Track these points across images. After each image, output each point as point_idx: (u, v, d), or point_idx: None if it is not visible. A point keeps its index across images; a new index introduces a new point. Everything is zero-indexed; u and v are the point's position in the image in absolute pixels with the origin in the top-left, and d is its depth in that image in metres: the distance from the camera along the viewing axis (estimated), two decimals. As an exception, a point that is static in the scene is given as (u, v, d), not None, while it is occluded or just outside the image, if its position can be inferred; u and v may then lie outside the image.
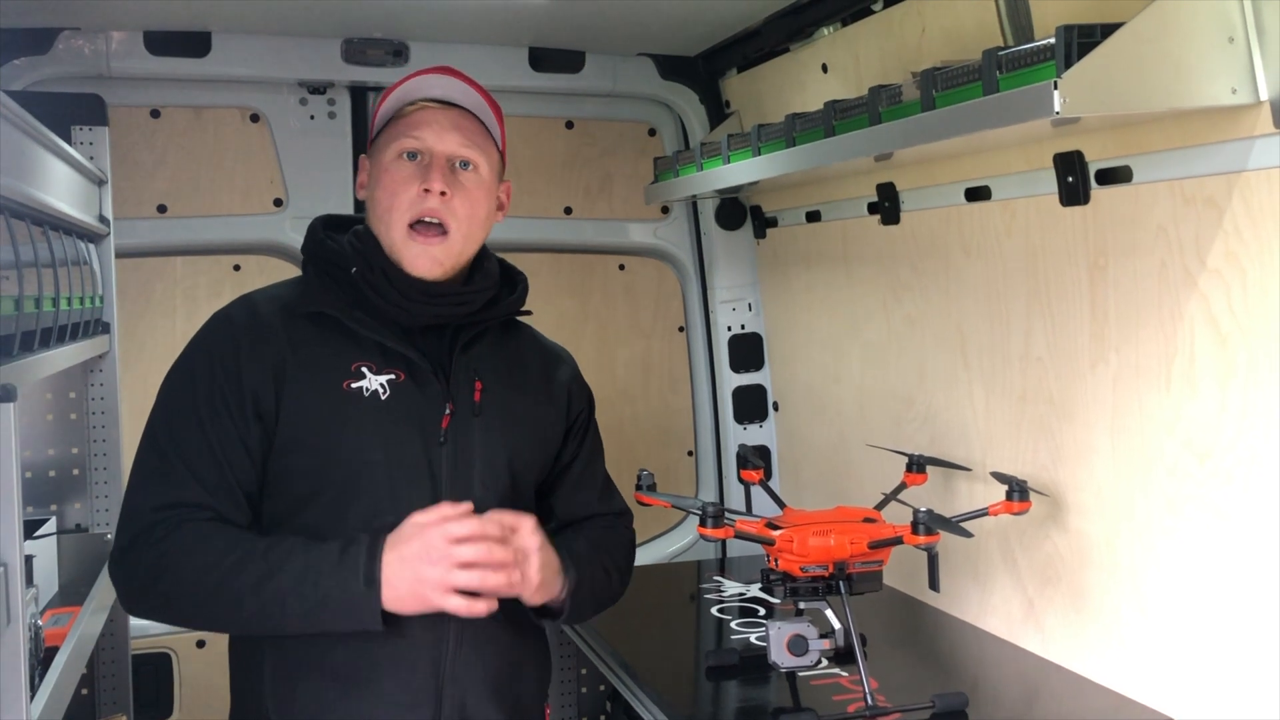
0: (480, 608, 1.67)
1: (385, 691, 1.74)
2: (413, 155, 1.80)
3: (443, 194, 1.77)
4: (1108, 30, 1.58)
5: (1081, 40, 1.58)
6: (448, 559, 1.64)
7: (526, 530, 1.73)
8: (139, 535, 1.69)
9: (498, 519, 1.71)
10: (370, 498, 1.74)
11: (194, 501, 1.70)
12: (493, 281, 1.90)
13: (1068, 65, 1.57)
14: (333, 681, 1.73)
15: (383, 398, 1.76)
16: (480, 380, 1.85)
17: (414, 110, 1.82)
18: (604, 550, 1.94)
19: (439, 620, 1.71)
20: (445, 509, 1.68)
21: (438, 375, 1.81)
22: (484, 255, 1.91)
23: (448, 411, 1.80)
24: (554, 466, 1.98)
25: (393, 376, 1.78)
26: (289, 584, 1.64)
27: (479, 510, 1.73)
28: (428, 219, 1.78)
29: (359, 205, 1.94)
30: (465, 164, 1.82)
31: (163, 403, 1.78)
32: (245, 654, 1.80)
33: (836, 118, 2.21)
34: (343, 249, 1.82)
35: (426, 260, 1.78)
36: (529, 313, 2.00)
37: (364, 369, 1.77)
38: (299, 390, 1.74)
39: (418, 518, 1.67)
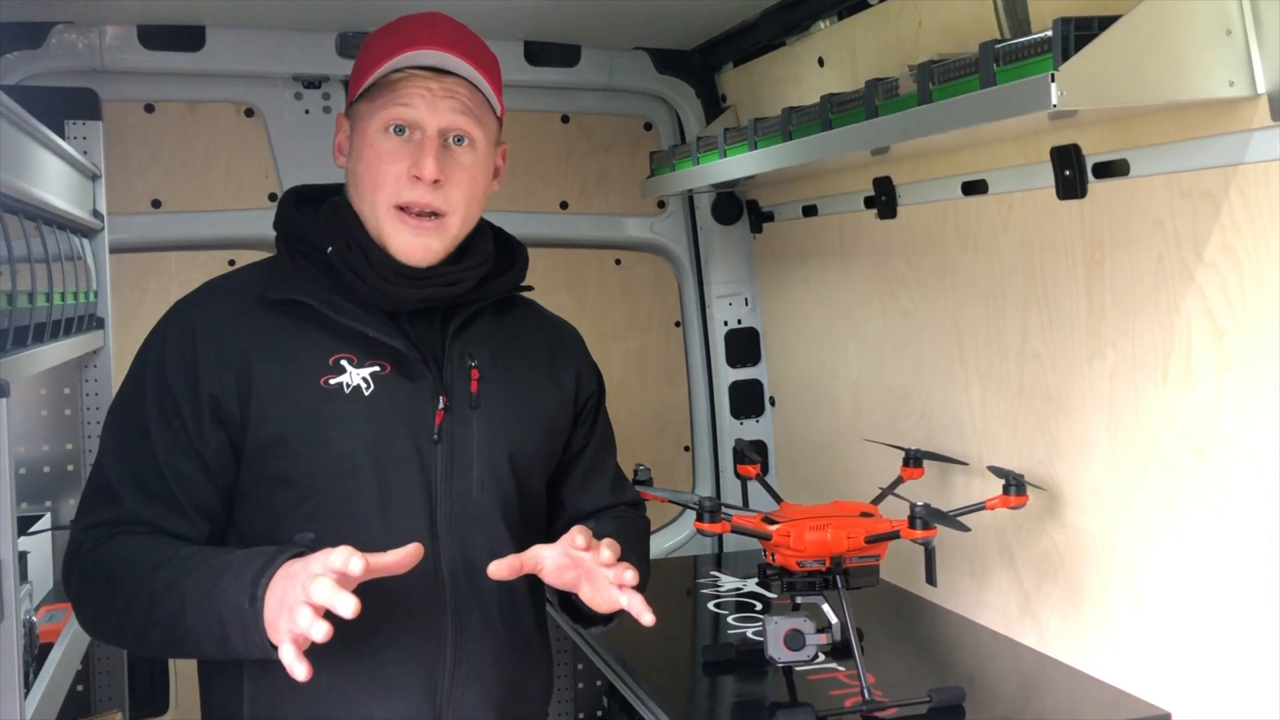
0: (300, 668, 1.31)
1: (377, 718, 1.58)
2: (400, 129, 1.62)
3: (435, 181, 1.60)
4: (1105, 23, 1.57)
5: (1078, 33, 1.57)
6: (306, 589, 1.33)
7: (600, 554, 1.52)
8: (72, 554, 1.58)
9: (581, 532, 1.51)
10: (358, 506, 1.58)
11: (128, 517, 1.55)
12: (486, 258, 1.73)
13: (1065, 58, 1.57)
14: (319, 708, 1.57)
15: (365, 393, 1.59)
16: (477, 368, 1.68)
17: (402, 76, 1.62)
18: (633, 546, 1.75)
19: (435, 640, 1.60)
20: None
21: (428, 365, 1.64)
22: (478, 229, 1.74)
23: (441, 406, 1.64)
24: (563, 456, 1.83)
25: (376, 369, 1.61)
26: (190, 598, 1.44)
27: (481, 514, 1.62)
28: (418, 210, 1.61)
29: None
30: (460, 139, 1.64)
31: (112, 407, 1.65)
32: (221, 681, 1.62)
33: (833, 111, 2.20)
34: (315, 226, 1.66)
35: (419, 249, 1.62)
36: (530, 288, 1.84)
37: (343, 362, 1.60)
38: (269, 390, 1.57)
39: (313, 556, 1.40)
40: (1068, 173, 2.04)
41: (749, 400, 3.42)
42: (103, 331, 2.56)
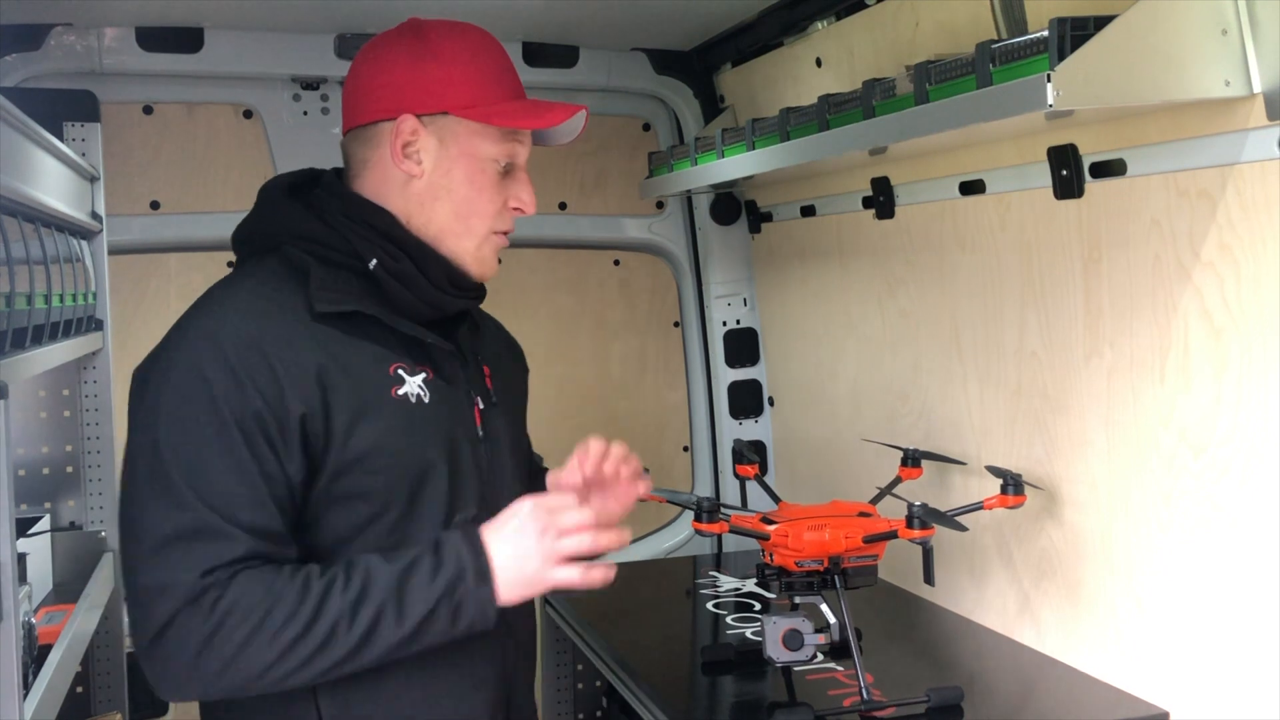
0: (597, 576, 1.55)
1: (456, 712, 1.64)
2: (501, 161, 1.69)
3: None
4: (1101, 23, 1.57)
5: (1074, 33, 1.57)
6: (548, 526, 1.53)
7: (616, 456, 1.76)
8: (183, 608, 1.43)
9: (595, 441, 1.74)
10: (433, 509, 1.61)
11: (247, 554, 1.46)
12: None
13: (1061, 58, 1.56)
14: (401, 707, 1.60)
15: (425, 400, 1.61)
16: (487, 365, 1.78)
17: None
18: None
19: (500, 626, 1.59)
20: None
21: (462, 367, 1.70)
22: None
23: (480, 406, 1.71)
24: None
25: (425, 375, 1.63)
26: (387, 604, 1.47)
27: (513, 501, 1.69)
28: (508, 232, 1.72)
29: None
30: None
31: (173, 440, 1.48)
32: (282, 708, 1.56)
33: (830, 112, 2.20)
34: (342, 235, 1.63)
35: (495, 267, 1.73)
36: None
37: (400, 371, 1.60)
38: (349, 406, 1.54)
39: (516, 505, 1.57)
40: (1065, 172, 2.05)
41: (747, 400, 3.42)
42: (102, 333, 2.57)
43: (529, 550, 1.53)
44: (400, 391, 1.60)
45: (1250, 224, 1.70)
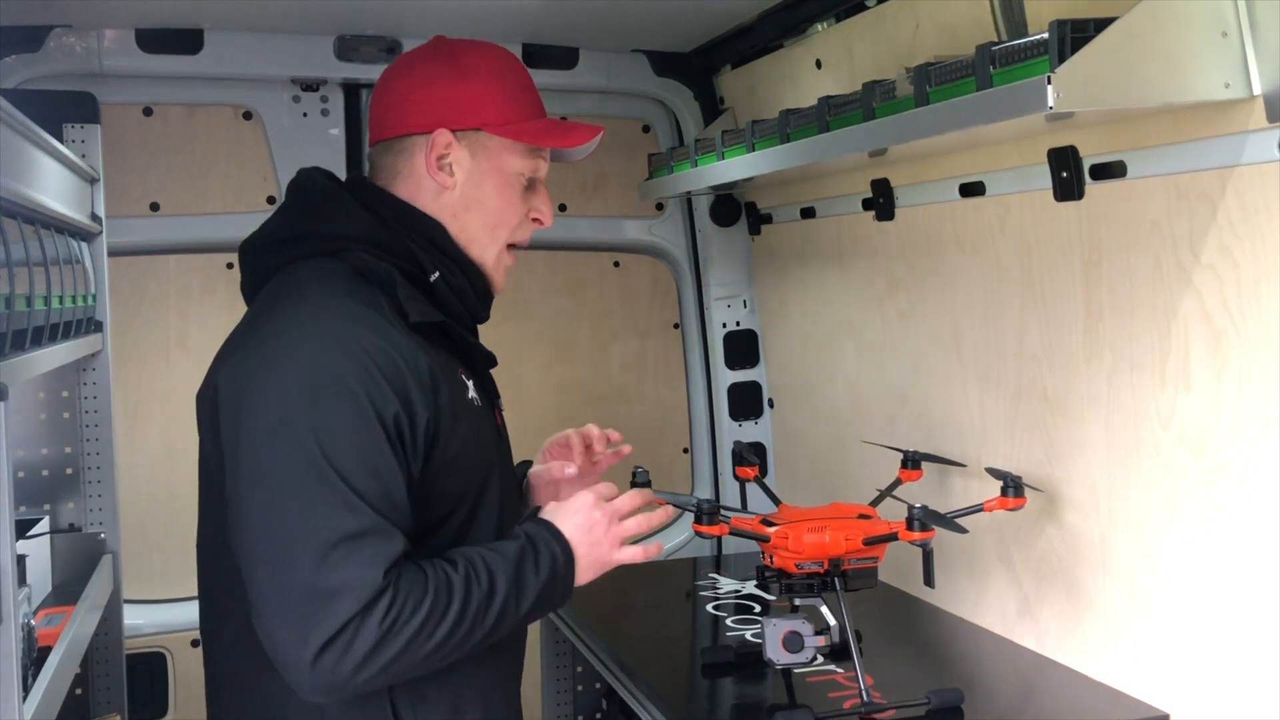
0: (653, 549, 1.76)
1: (509, 694, 1.83)
2: (527, 175, 1.80)
3: None
4: (1101, 25, 1.57)
5: (1075, 35, 1.58)
6: (609, 512, 1.71)
7: (598, 437, 1.96)
8: (363, 608, 1.45)
9: (574, 434, 1.96)
10: (491, 505, 1.74)
11: (404, 552, 1.53)
12: None
13: (1061, 60, 1.57)
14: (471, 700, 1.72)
15: (478, 405, 1.76)
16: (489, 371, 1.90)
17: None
18: None
19: None
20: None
21: (486, 372, 1.86)
22: None
23: (500, 407, 1.89)
24: None
25: (474, 381, 1.78)
26: (510, 594, 1.60)
27: (520, 491, 1.93)
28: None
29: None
30: None
31: (330, 445, 1.49)
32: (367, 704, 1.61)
33: (830, 114, 2.20)
34: (414, 249, 1.73)
35: (506, 278, 1.85)
36: None
37: (463, 377, 1.74)
38: (450, 411, 1.65)
39: (578, 498, 1.73)
40: (1065, 174, 2.05)
41: (747, 402, 3.42)
42: (101, 335, 2.56)
43: (599, 537, 1.70)
44: (468, 396, 1.74)
45: (1250, 226, 1.70)
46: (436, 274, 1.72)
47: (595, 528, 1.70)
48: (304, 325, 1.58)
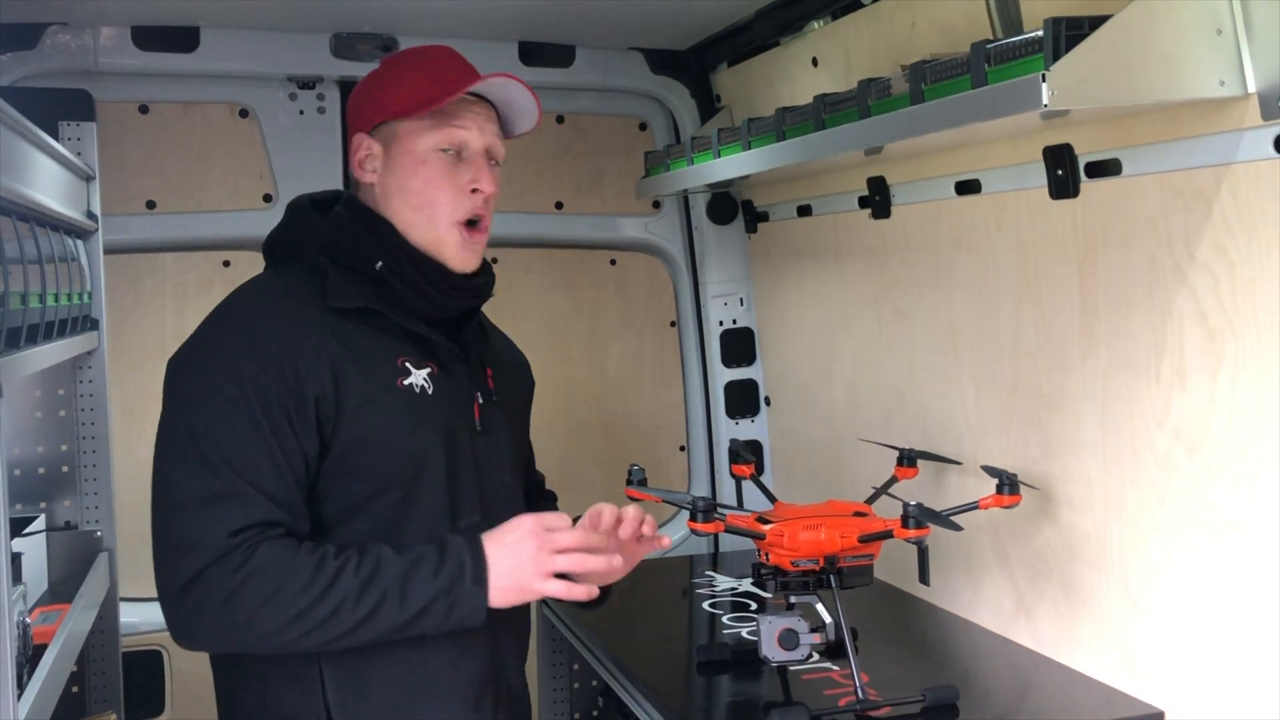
0: (580, 591, 1.71)
1: (449, 684, 1.78)
2: (445, 148, 1.80)
3: (488, 196, 1.82)
4: (1096, 23, 1.58)
5: (1069, 33, 1.58)
6: (544, 541, 1.68)
7: (631, 519, 1.80)
8: (211, 565, 1.59)
9: (608, 509, 1.80)
10: (430, 495, 1.76)
11: (267, 520, 1.63)
12: (487, 266, 1.93)
13: (1056, 58, 1.57)
14: (398, 683, 1.74)
15: (429, 392, 1.77)
16: (490, 366, 1.91)
17: (452, 101, 1.80)
18: None
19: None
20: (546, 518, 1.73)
21: (464, 365, 1.85)
22: None
23: (480, 401, 1.85)
24: None
25: (429, 370, 1.79)
26: (391, 591, 1.62)
27: (509, 493, 1.87)
28: (474, 219, 1.81)
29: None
30: (495, 161, 1.86)
31: (206, 416, 1.65)
32: (295, 672, 1.71)
33: (826, 111, 2.21)
34: (357, 240, 1.80)
35: (471, 256, 1.83)
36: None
37: (406, 364, 1.77)
38: (358, 392, 1.70)
39: (518, 520, 1.72)
40: (1060, 172, 2.05)
41: (744, 400, 3.42)
42: (97, 333, 2.56)
43: (524, 561, 1.68)
44: (405, 382, 1.76)
45: (1245, 224, 1.70)
46: (380, 264, 1.78)
47: (523, 552, 1.68)
48: (217, 317, 1.78)
